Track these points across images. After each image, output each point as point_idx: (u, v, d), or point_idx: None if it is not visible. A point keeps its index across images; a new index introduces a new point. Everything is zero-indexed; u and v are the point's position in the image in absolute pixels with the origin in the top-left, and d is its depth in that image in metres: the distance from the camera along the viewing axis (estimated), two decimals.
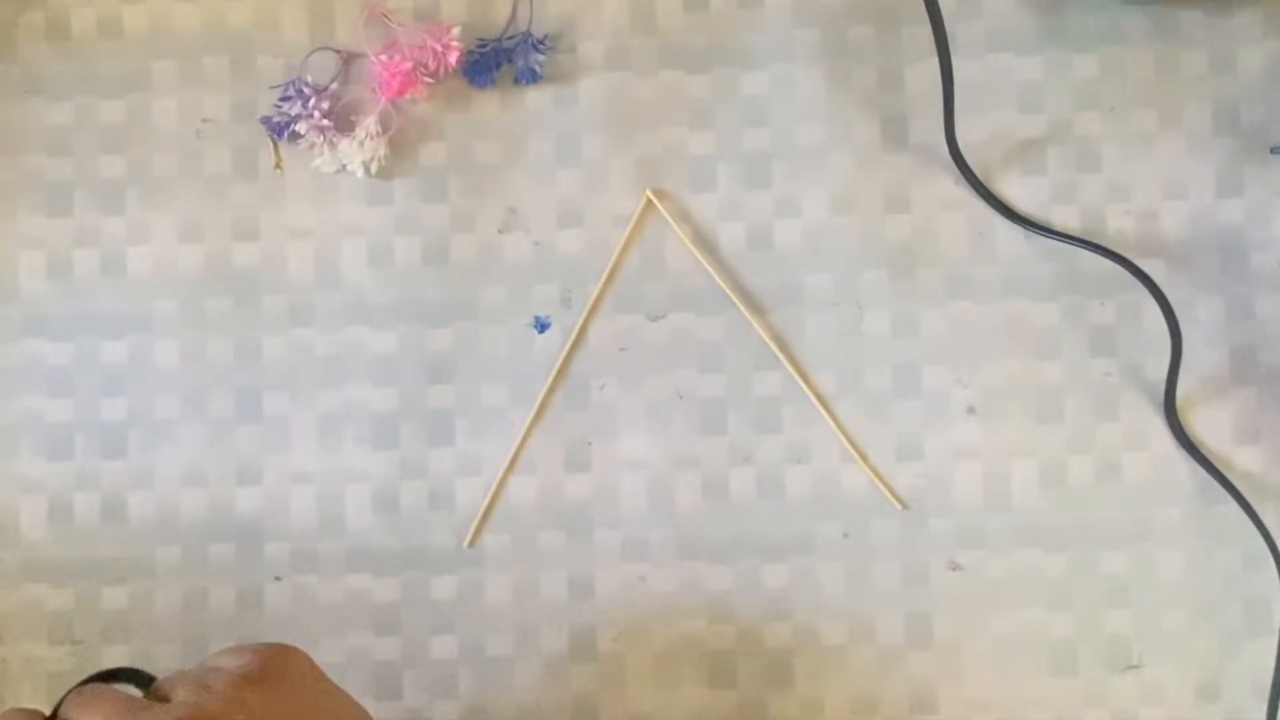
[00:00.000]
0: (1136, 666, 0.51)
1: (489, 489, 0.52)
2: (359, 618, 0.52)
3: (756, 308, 0.52)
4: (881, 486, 0.51)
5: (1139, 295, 0.50)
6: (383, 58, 0.51)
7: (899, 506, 0.51)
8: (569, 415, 0.52)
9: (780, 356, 0.51)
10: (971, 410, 0.52)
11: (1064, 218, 0.52)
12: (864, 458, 0.51)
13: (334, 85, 0.53)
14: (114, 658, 0.52)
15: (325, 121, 0.51)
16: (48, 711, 0.38)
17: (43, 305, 0.53)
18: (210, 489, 0.52)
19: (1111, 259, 0.49)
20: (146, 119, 0.53)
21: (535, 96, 0.53)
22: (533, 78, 0.52)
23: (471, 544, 0.52)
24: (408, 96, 0.52)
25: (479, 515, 0.52)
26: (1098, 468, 0.52)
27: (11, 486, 0.53)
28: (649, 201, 0.52)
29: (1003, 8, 0.52)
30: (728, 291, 0.52)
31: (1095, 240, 0.50)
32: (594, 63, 0.53)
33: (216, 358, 0.53)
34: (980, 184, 0.51)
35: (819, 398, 0.52)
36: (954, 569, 0.51)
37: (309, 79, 0.52)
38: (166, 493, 0.52)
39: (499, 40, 0.52)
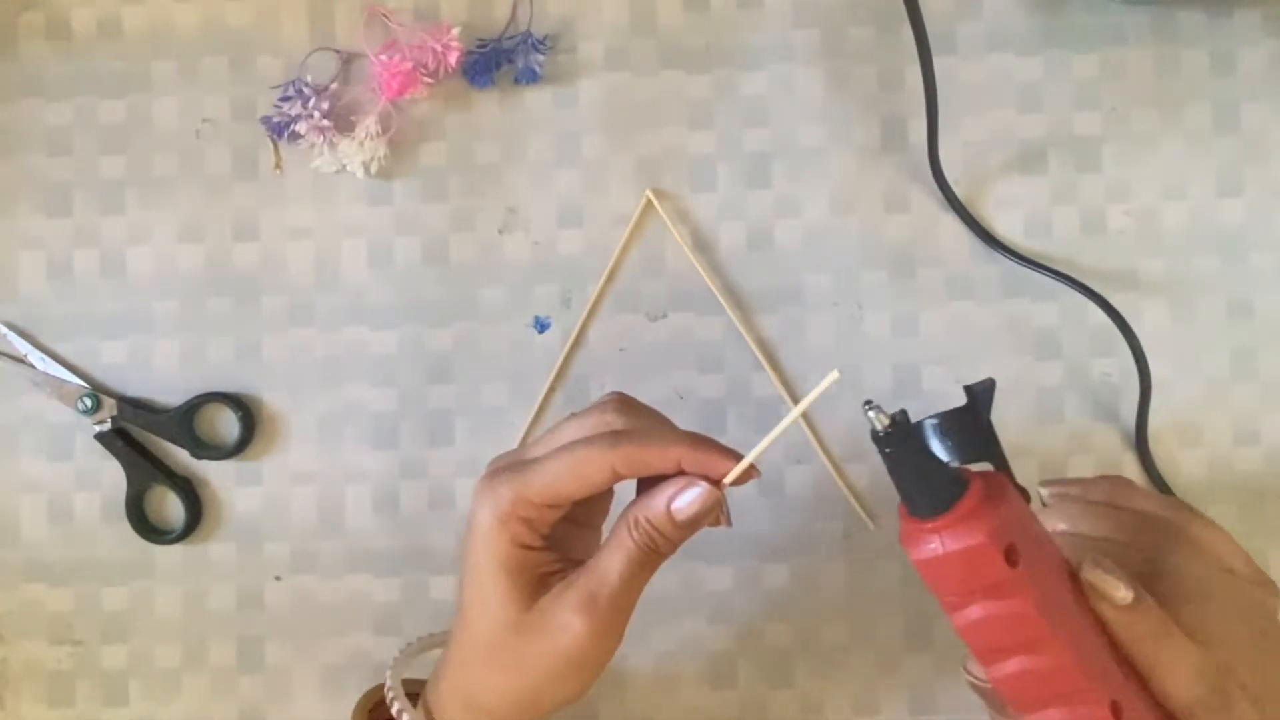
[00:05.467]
0: None
1: None
2: (359, 618, 0.52)
3: (756, 308, 0.52)
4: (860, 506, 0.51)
5: (1138, 295, 0.50)
6: (383, 58, 0.51)
7: (871, 526, 0.51)
8: None
9: (765, 364, 0.51)
10: None
11: (1064, 217, 0.52)
12: (842, 466, 0.52)
13: (334, 85, 0.52)
14: (114, 657, 0.52)
15: (325, 121, 0.51)
16: None
17: (43, 305, 0.53)
18: (212, 487, 0.53)
19: (1079, 290, 0.50)
20: (146, 119, 0.53)
21: (535, 96, 0.53)
22: (533, 78, 0.52)
23: None
24: (408, 96, 0.52)
25: None
26: (1097, 468, 0.51)
27: (11, 486, 0.53)
28: (649, 201, 0.52)
29: (1003, 8, 0.52)
30: (719, 298, 0.52)
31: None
32: (594, 63, 0.53)
33: (216, 358, 0.53)
34: (961, 205, 0.51)
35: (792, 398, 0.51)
36: None
37: (309, 79, 0.52)
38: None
39: (499, 40, 0.52)
